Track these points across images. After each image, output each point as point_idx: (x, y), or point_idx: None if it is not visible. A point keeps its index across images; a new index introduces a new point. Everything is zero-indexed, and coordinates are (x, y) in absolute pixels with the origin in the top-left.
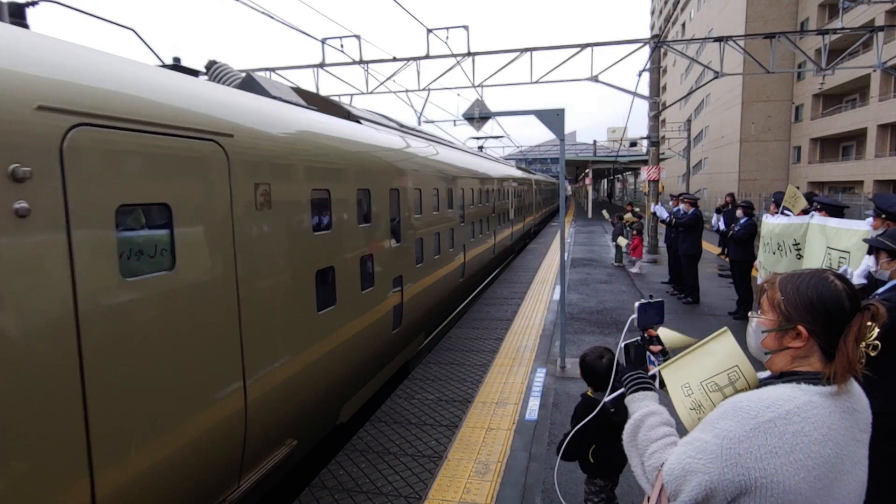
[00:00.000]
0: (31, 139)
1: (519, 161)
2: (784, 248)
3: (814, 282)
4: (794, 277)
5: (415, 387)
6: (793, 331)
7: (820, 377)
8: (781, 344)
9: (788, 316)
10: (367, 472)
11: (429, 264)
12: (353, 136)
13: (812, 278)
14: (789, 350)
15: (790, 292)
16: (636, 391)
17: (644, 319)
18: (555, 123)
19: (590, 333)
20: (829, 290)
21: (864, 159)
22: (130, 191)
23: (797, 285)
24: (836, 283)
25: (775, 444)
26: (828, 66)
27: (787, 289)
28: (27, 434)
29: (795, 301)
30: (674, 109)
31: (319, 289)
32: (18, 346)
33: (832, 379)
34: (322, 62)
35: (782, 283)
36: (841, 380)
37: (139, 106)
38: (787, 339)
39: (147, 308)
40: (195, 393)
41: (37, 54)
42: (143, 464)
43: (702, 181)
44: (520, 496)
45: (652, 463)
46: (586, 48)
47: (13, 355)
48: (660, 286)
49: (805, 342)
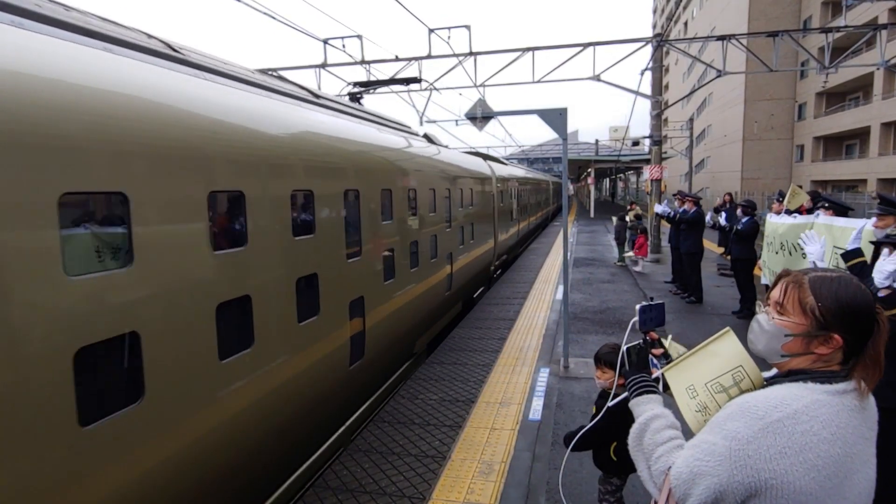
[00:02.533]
0: None
1: (521, 160)
2: (787, 247)
3: (851, 289)
4: (829, 282)
5: (418, 387)
6: (823, 337)
7: (828, 375)
8: (808, 349)
9: (823, 323)
10: (370, 472)
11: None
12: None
13: (848, 285)
14: (813, 355)
15: (828, 299)
16: (640, 395)
17: (645, 322)
18: (557, 123)
19: (593, 333)
20: (866, 298)
21: (867, 158)
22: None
23: (835, 291)
24: (866, 289)
25: (784, 445)
26: (831, 65)
27: (824, 293)
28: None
29: (834, 309)
30: (676, 108)
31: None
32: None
33: (859, 385)
34: (324, 62)
35: (815, 286)
36: (871, 385)
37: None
38: (815, 344)
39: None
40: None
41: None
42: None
43: (704, 180)
44: (523, 497)
45: (659, 467)
46: (588, 47)
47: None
48: (663, 286)
49: (834, 349)
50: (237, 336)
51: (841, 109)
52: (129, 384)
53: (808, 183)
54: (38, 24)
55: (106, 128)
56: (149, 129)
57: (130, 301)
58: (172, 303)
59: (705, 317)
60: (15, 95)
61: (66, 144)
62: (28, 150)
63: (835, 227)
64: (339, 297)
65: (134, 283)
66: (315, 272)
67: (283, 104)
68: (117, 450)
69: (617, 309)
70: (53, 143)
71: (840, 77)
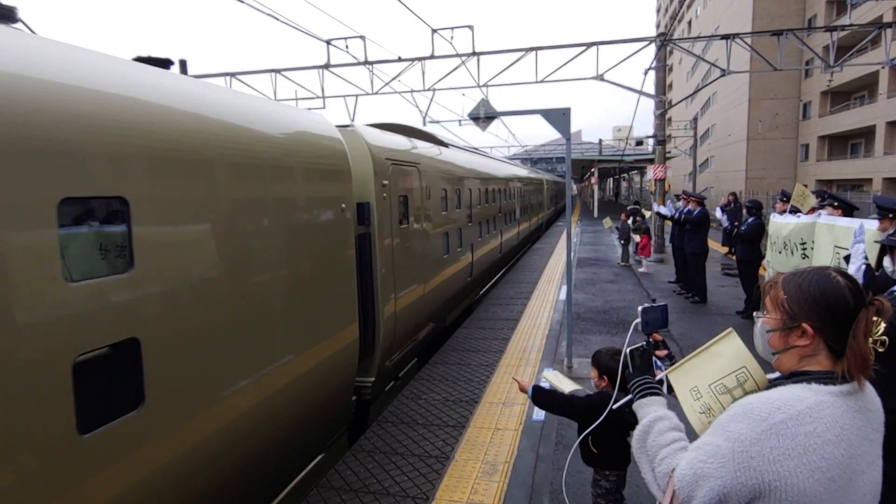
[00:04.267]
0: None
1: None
2: (790, 246)
3: (816, 279)
4: (796, 275)
5: (421, 387)
6: (798, 329)
7: (831, 376)
8: (787, 343)
9: (792, 314)
10: (374, 472)
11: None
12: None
13: (814, 275)
14: (796, 349)
15: (792, 290)
16: (643, 396)
17: (648, 324)
18: (561, 123)
19: (596, 333)
20: (832, 286)
21: (872, 157)
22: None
23: (799, 283)
24: (839, 279)
25: (788, 446)
26: (836, 64)
27: (790, 287)
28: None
29: (798, 299)
30: (680, 108)
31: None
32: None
33: (847, 377)
34: (327, 63)
35: (785, 282)
36: (858, 377)
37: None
38: (793, 337)
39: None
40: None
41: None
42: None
43: (708, 180)
44: (527, 497)
45: (662, 469)
46: (592, 47)
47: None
48: (667, 286)
49: (811, 340)
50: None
51: (846, 108)
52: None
53: (812, 182)
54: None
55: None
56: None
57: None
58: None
59: (709, 317)
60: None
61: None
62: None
63: (837, 226)
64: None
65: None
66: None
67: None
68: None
69: (620, 309)
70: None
71: (845, 76)
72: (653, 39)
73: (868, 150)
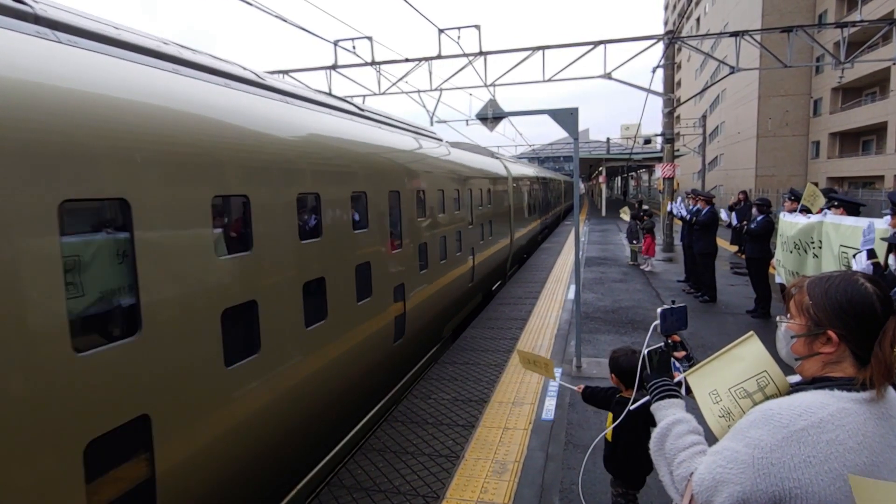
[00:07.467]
0: None
1: (531, 159)
2: (801, 246)
3: (843, 285)
4: (823, 280)
5: (431, 387)
6: (823, 336)
7: (853, 383)
8: (812, 349)
9: (818, 320)
10: (384, 471)
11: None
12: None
13: (841, 281)
14: (820, 356)
15: (818, 296)
16: (662, 399)
17: (667, 325)
18: (568, 123)
19: (605, 333)
20: (859, 293)
21: (884, 154)
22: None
23: (825, 289)
24: (867, 285)
25: (809, 454)
26: (846, 60)
27: (816, 292)
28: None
29: (824, 305)
30: (689, 105)
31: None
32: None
33: (868, 385)
34: (335, 64)
35: (810, 287)
36: (879, 386)
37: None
38: (818, 344)
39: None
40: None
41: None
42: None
43: (718, 178)
44: (537, 496)
45: (681, 472)
46: (599, 45)
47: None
48: (675, 285)
49: (836, 347)
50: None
51: (857, 105)
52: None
53: (823, 180)
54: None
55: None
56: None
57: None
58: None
59: (719, 316)
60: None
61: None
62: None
63: (843, 226)
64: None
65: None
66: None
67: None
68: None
69: (629, 308)
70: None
71: (856, 72)
72: (661, 37)
73: (880, 147)
